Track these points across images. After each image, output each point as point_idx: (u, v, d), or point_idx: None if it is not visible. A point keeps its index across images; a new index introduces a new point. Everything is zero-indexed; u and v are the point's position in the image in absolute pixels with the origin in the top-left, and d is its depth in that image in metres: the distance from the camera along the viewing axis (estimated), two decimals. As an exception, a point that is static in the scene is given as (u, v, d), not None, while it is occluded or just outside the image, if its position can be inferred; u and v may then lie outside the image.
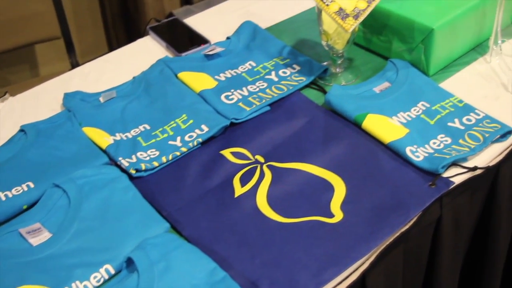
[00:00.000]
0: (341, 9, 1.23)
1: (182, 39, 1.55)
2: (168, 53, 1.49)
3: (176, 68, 1.40)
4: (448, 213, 1.13)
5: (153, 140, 1.23)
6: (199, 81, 1.36)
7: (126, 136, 1.24)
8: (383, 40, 1.41)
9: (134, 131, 1.25)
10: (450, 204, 1.12)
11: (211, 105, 1.30)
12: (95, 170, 1.15)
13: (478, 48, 1.47)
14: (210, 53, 1.43)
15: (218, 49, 1.44)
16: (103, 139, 1.22)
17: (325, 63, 1.40)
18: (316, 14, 1.32)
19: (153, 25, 1.60)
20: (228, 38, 1.51)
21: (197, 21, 1.63)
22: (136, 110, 1.31)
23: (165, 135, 1.24)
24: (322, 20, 1.29)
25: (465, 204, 1.17)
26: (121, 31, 2.91)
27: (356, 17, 1.23)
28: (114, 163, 1.18)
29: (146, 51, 1.52)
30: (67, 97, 1.34)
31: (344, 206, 1.08)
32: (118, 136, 1.24)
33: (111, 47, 2.89)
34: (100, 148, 1.21)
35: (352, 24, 1.22)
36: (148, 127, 1.26)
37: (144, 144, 1.22)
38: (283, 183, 1.13)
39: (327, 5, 1.23)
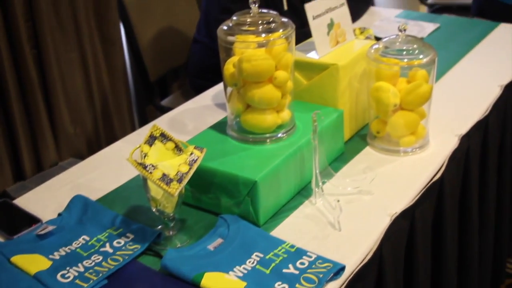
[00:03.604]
0: (164, 174, 1.26)
1: (12, 221, 1.52)
2: (-1, 238, 1.46)
3: (8, 253, 1.36)
4: None
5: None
6: (33, 263, 1.33)
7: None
8: (212, 197, 1.46)
9: None
10: None
11: (47, 287, 1.27)
12: None
13: (303, 192, 1.55)
14: (42, 232, 1.41)
15: (50, 228, 1.42)
16: None
17: (158, 227, 1.42)
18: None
19: (-19, 209, 1.57)
20: (59, 214, 1.50)
21: (29, 200, 1.61)
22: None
23: (2, 325, 1.20)
24: (148, 187, 1.32)
25: None
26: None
27: (180, 180, 1.27)
28: None
29: (-23, 238, 1.48)
30: None
31: None
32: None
33: None
34: None
35: (177, 188, 1.26)
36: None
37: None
38: None
39: (150, 172, 1.26)
